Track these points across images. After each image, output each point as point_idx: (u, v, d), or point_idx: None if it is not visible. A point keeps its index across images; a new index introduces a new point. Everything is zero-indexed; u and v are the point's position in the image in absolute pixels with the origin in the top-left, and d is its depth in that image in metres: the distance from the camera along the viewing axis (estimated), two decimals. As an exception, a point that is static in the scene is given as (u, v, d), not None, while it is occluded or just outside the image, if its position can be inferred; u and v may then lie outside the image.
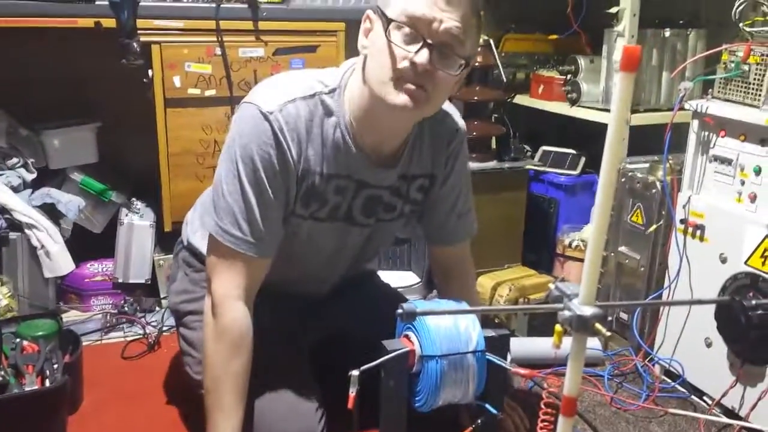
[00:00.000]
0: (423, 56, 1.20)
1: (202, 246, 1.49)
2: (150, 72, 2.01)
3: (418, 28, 1.20)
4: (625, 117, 0.60)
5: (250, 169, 1.26)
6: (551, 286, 0.67)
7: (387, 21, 1.21)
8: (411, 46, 1.20)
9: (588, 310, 0.65)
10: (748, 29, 1.73)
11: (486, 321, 1.44)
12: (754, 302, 1.59)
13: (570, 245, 2.47)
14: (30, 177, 2.14)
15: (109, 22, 1.91)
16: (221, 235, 1.28)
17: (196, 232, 1.54)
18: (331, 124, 1.31)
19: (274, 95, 1.28)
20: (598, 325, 0.65)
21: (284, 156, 1.28)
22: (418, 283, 2.37)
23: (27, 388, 1.54)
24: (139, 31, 1.92)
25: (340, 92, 1.32)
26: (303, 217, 1.37)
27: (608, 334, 0.65)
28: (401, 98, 1.23)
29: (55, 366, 1.63)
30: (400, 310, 0.79)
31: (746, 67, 1.71)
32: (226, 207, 1.27)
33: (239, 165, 1.26)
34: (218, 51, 2.05)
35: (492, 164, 2.49)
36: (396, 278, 2.33)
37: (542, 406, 1.06)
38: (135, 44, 1.90)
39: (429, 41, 1.20)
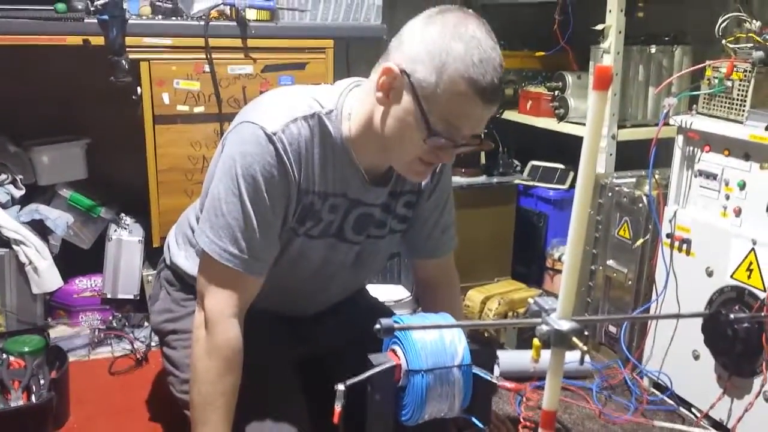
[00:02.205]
0: (453, 155, 1.27)
1: (186, 266, 1.49)
2: (139, 89, 2.01)
3: (457, 140, 1.23)
4: (599, 135, 0.61)
5: (252, 188, 1.25)
6: (530, 300, 0.68)
7: (428, 130, 1.20)
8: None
9: (565, 325, 0.66)
10: (731, 45, 1.75)
11: (474, 335, 1.44)
12: (735, 316, 1.61)
13: (559, 259, 2.48)
14: (18, 193, 2.14)
15: (98, 40, 1.92)
16: (218, 254, 1.27)
17: (179, 251, 1.53)
18: (329, 145, 1.31)
19: (276, 115, 1.27)
20: (575, 339, 0.66)
21: (287, 176, 1.27)
22: (407, 298, 2.37)
23: (13, 404, 1.54)
24: (127, 49, 1.93)
25: (338, 114, 1.31)
26: (296, 234, 1.37)
27: (585, 348, 0.66)
28: (415, 176, 1.33)
29: (42, 382, 1.63)
30: (377, 325, 0.79)
31: (729, 83, 1.73)
32: (225, 225, 1.26)
33: (241, 184, 1.25)
34: (207, 68, 2.06)
35: (481, 179, 2.51)
36: (386, 292, 2.33)
37: (521, 420, 1.07)
38: (124, 62, 1.91)
39: (462, 142, 1.24)
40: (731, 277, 1.68)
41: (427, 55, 1.18)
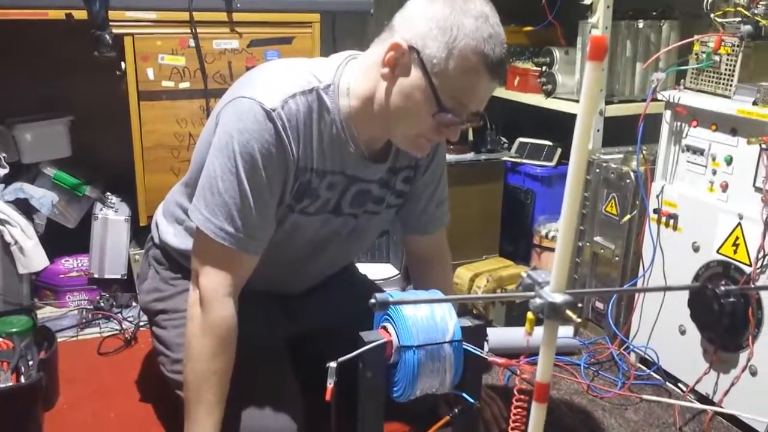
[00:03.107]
0: (458, 133, 1.27)
1: (175, 243, 1.48)
2: (123, 64, 1.98)
3: (463, 117, 1.24)
4: (594, 106, 0.61)
5: (249, 166, 1.23)
6: (523, 274, 0.67)
7: (438, 106, 1.22)
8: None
9: (559, 297, 0.66)
10: (719, 20, 1.75)
11: (464, 311, 1.45)
12: (725, 288, 1.62)
13: (546, 236, 2.49)
14: (2, 172, 2.11)
15: (81, 14, 1.88)
16: (213, 232, 1.25)
17: (168, 228, 1.52)
18: (328, 121, 1.30)
19: (274, 90, 1.25)
20: (569, 312, 0.66)
21: (285, 153, 1.26)
22: (396, 275, 2.38)
23: (1, 385, 1.52)
24: (111, 23, 1.90)
25: (335, 89, 1.30)
26: (292, 211, 1.36)
27: (579, 320, 0.66)
28: (417, 151, 1.34)
29: (30, 362, 1.62)
30: (373, 300, 0.79)
31: (717, 58, 1.73)
32: (221, 203, 1.25)
33: (238, 161, 1.23)
34: (192, 43, 2.02)
35: (469, 156, 2.50)
36: (374, 270, 2.33)
37: (515, 393, 1.07)
38: (107, 36, 1.87)
39: (467, 119, 1.26)
40: (717, 252, 1.69)
41: (438, 31, 1.19)
